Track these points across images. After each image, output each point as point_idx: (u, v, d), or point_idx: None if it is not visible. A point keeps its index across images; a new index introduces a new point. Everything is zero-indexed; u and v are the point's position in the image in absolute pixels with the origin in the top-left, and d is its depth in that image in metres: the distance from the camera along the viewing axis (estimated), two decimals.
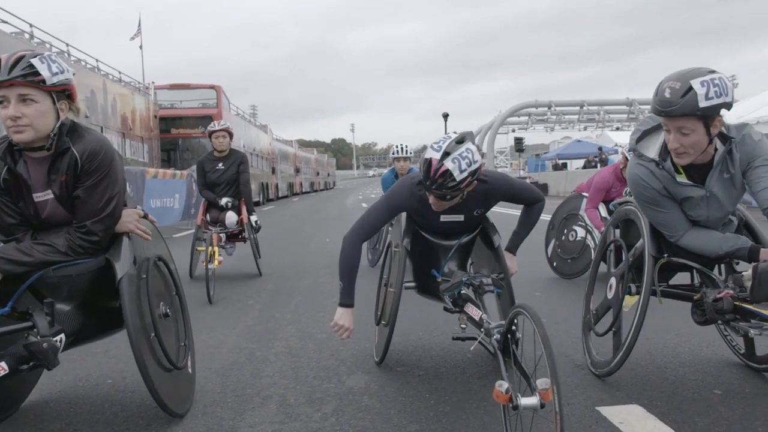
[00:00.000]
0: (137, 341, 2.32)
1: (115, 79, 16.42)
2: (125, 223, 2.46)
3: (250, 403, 2.81)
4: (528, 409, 1.96)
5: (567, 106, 40.92)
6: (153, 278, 2.66)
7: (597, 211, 5.72)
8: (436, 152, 2.68)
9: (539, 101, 39.59)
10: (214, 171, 6.43)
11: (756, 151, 2.47)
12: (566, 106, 40.84)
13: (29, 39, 12.17)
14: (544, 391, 1.92)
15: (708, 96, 2.27)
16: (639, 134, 2.66)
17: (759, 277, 2.21)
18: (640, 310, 2.72)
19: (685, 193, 2.59)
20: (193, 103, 21.98)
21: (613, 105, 41.56)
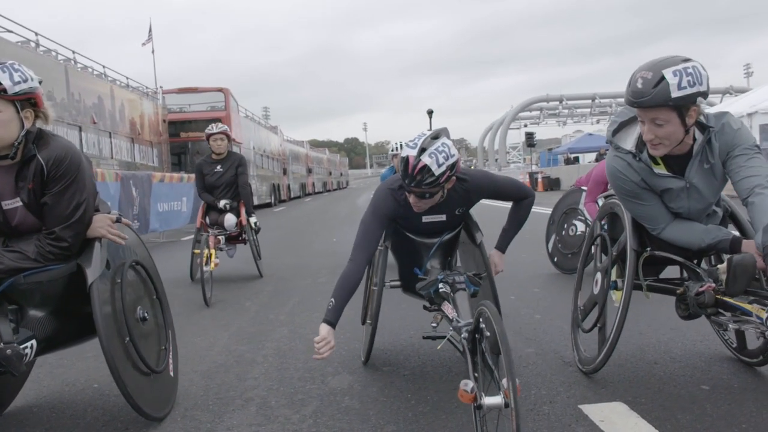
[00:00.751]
0: (108, 346, 2.31)
1: (123, 84, 16.53)
2: (97, 228, 2.46)
3: (231, 406, 2.80)
4: (493, 409, 1.92)
5: (578, 99, 40.62)
6: (130, 282, 2.66)
7: (596, 205, 5.64)
8: (412, 149, 2.66)
9: (550, 95, 39.34)
10: (212, 174, 6.44)
11: (735, 139, 2.41)
12: (578, 100, 40.55)
13: (35, 47, 12.29)
14: (509, 391, 1.89)
15: (681, 86, 2.22)
16: (616, 126, 2.60)
17: (733, 269, 2.15)
18: (622, 305, 2.68)
19: (663, 184, 2.53)
20: (202, 107, 22.06)
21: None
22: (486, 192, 2.98)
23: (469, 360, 2.15)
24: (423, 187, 2.67)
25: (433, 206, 2.89)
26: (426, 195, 2.73)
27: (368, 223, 2.92)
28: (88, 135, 13.70)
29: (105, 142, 14.72)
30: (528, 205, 3.14)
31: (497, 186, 3.07)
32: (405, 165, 2.66)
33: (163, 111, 19.70)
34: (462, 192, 2.92)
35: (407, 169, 2.65)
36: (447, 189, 2.82)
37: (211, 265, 5.41)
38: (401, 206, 2.90)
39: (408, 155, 2.66)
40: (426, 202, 2.80)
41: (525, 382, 2.92)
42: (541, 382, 2.91)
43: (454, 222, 3.06)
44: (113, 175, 10.02)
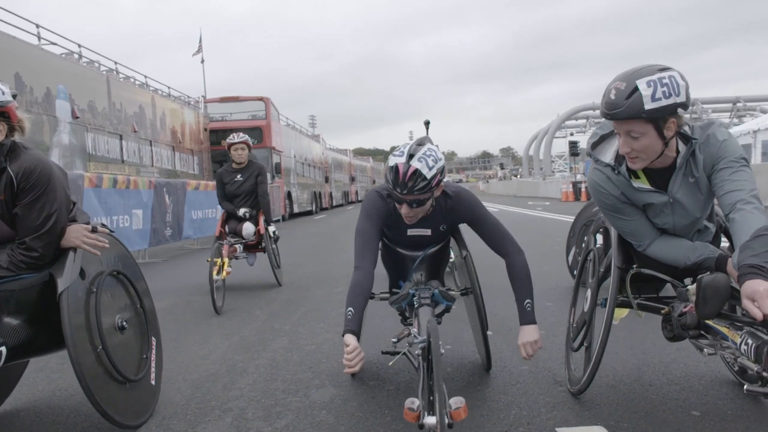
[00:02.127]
0: (76, 354, 2.34)
1: (164, 94, 16.95)
2: (71, 238, 2.50)
3: (208, 416, 2.80)
4: (434, 429, 1.86)
5: None
6: (108, 292, 2.69)
7: None
8: (399, 157, 2.62)
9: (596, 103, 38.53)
10: (232, 183, 6.52)
11: (720, 151, 2.28)
12: None
13: (78, 59, 12.73)
14: (456, 411, 1.84)
15: (655, 97, 2.11)
16: (596, 138, 2.50)
17: (703, 291, 2.03)
18: (604, 324, 2.57)
19: (645, 199, 2.42)
20: (243, 115, 22.45)
21: None
22: (467, 217, 2.88)
23: (421, 377, 2.09)
24: (415, 193, 2.61)
25: (421, 219, 2.85)
26: (414, 204, 2.68)
27: (363, 228, 2.83)
28: (128, 143, 14.10)
29: (146, 150, 15.11)
30: (521, 264, 2.83)
31: (480, 219, 2.90)
32: (395, 173, 2.60)
33: (205, 120, 20.13)
34: (446, 208, 2.87)
35: (398, 176, 2.60)
36: (435, 196, 2.78)
37: (223, 273, 5.46)
38: (390, 211, 2.85)
39: (397, 163, 2.61)
40: (417, 211, 2.74)
41: (509, 401, 2.84)
42: (525, 402, 2.82)
43: (439, 237, 3.00)
44: (146, 182, 10.25)
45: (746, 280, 1.90)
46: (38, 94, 10.62)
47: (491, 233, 2.87)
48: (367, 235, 2.78)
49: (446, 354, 3.69)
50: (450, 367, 3.42)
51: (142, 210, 10.03)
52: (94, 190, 8.39)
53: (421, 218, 2.84)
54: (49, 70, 11.07)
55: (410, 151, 2.62)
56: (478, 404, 2.82)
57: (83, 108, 12.11)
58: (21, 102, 10.15)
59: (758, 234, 2.02)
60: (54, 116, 11.07)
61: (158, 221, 10.54)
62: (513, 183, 46.78)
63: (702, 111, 36.59)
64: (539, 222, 15.28)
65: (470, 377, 3.24)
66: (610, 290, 2.57)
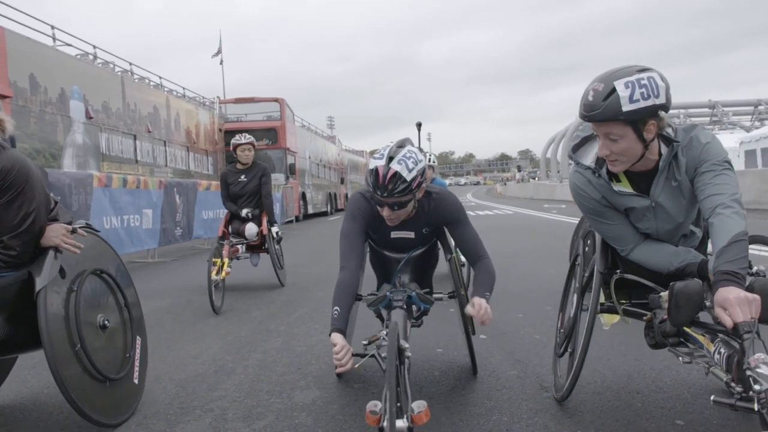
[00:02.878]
0: (52, 353, 2.36)
1: (179, 95, 17.10)
2: (51, 237, 2.51)
3: (189, 416, 2.80)
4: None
5: None
6: (89, 291, 2.70)
7: None
8: (379, 160, 2.61)
9: None
10: (236, 183, 6.55)
11: (703, 154, 2.23)
12: None
13: (93, 60, 12.88)
14: (417, 415, 1.83)
15: (633, 98, 2.07)
16: (578, 140, 2.46)
17: (675, 298, 1.98)
18: (585, 329, 2.52)
19: (626, 203, 2.37)
20: (258, 116, 22.58)
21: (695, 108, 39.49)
22: (448, 218, 2.86)
23: (387, 381, 2.07)
24: (395, 196, 2.60)
25: (403, 222, 2.83)
26: (396, 205, 2.67)
27: (348, 230, 2.82)
28: (142, 143, 14.24)
29: (159, 150, 15.25)
30: (491, 267, 2.82)
31: (459, 222, 2.88)
32: (375, 176, 2.59)
33: (220, 120, 20.26)
34: (429, 209, 2.85)
35: (378, 179, 2.59)
36: (417, 198, 2.77)
37: (222, 273, 5.48)
38: (374, 213, 2.83)
39: (376, 166, 2.60)
40: (399, 214, 2.73)
41: (492, 407, 2.80)
42: (507, 408, 2.78)
43: (423, 239, 2.97)
44: (156, 182, 10.33)
45: (719, 287, 1.85)
46: (52, 94, 10.77)
47: (467, 237, 2.85)
48: (351, 237, 2.77)
49: (436, 357, 3.67)
50: (438, 371, 3.40)
51: (152, 210, 10.11)
52: (103, 189, 8.48)
53: (404, 220, 2.83)
54: (63, 70, 11.22)
55: (390, 154, 2.61)
56: (460, 409, 2.80)
57: (97, 108, 12.26)
58: (35, 102, 10.31)
59: (735, 239, 1.97)
60: (68, 116, 11.22)
61: (168, 221, 10.62)
62: (530, 185, 46.48)
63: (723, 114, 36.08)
64: (552, 225, 15.16)
65: (457, 381, 3.21)
66: (592, 295, 2.52)
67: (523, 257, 8.37)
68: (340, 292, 2.54)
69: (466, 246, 2.84)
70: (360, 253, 2.76)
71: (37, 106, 10.33)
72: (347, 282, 2.58)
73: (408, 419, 1.84)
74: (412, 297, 2.68)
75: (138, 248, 9.70)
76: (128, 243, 9.29)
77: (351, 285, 2.59)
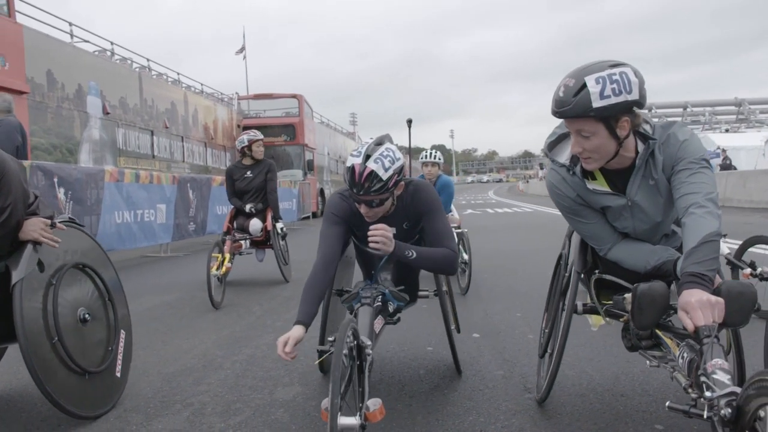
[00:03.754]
0: (26, 345, 2.38)
1: (197, 91, 17.24)
2: (29, 231, 2.54)
3: (169, 410, 2.82)
4: (346, 430, 1.85)
5: (669, 108, 38.58)
6: (70, 284, 2.73)
7: None
8: (356, 158, 2.61)
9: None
10: (242, 179, 6.58)
11: (680, 152, 2.17)
12: (668, 108, 38.52)
13: (110, 56, 13.05)
14: (371, 413, 1.85)
15: (603, 94, 2.02)
16: (554, 137, 2.41)
17: (638, 300, 1.93)
18: (561, 331, 2.48)
19: (601, 201, 2.32)
20: (277, 112, 22.70)
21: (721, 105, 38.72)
22: (421, 209, 2.82)
23: (347, 377, 2.06)
24: (372, 194, 2.60)
25: (382, 218, 2.82)
26: (374, 203, 2.66)
27: (324, 231, 2.84)
28: (160, 139, 14.39)
29: (177, 145, 15.40)
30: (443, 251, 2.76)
31: (433, 213, 2.85)
32: (351, 174, 2.59)
33: (238, 116, 20.39)
34: (407, 203, 2.83)
35: (354, 177, 2.58)
36: (396, 196, 2.77)
37: (223, 269, 5.51)
38: (354, 211, 2.82)
39: (353, 164, 2.59)
40: (377, 211, 2.72)
41: (470, 407, 2.78)
42: (486, 408, 2.75)
43: (405, 236, 2.95)
44: (170, 178, 10.43)
45: (683, 290, 1.81)
46: (69, 90, 10.93)
47: (436, 229, 2.81)
48: (326, 236, 2.79)
49: (425, 355, 3.65)
50: (423, 369, 3.38)
51: (165, 205, 10.21)
52: (115, 184, 8.58)
53: (383, 216, 2.81)
54: (80, 67, 11.38)
55: (367, 152, 2.60)
56: (438, 408, 2.78)
57: (114, 104, 12.42)
58: (52, 98, 10.47)
59: (706, 240, 1.92)
60: (85, 112, 11.38)
61: (182, 216, 10.71)
62: None
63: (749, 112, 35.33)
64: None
65: (441, 380, 3.18)
66: (568, 296, 2.48)
67: (535, 256, 8.29)
68: (307, 285, 2.57)
69: (433, 238, 2.81)
70: (331, 249, 2.75)
71: (54, 101, 10.50)
72: (312, 278, 2.60)
73: (361, 417, 1.83)
74: (386, 294, 2.66)
75: (151, 242, 9.80)
76: (141, 237, 9.39)
77: (317, 280, 2.60)
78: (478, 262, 7.12)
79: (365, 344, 2.17)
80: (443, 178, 6.95)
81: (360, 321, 2.39)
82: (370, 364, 2.18)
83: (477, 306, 5.07)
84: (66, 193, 7.26)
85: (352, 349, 2.09)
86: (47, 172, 7.03)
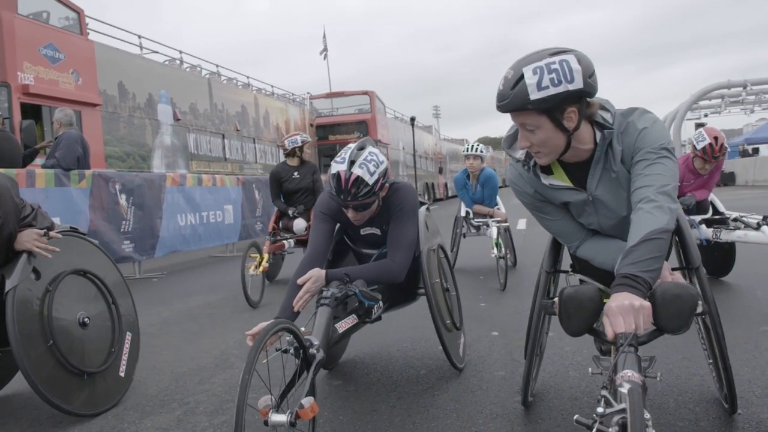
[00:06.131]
0: (17, 348, 2.56)
1: (268, 93, 17.72)
2: (23, 242, 2.72)
3: (164, 408, 2.94)
4: (278, 426, 1.92)
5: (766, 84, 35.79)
6: (68, 290, 2.89)
7: None
8: (341, 164, 2.65)
9: (732, 81, 35.12)
10: (290, 180, 6.73)
11: (638, 142, 2.02)
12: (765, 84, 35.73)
13: (179, 65, 13.65)
14: (303, 409, 1.91)
15: (541, 85, 1.90)
16: (512, 131, 2.30)
17: (565, 305, 1.76)
18: (531, 332, 2.39)
19: (560, 197, 2.20)
20: (349, 110, 23.00)
21: None
22: (394, 209, 2.83)
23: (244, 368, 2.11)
24: (359, 199, 2.66)
25: (368, 220, 2.86)
26: (360, 208, 2.71)
27: (313, 225, 2.93)
28: (231, 142, 14.92)
29: (249, 147, 15.91)
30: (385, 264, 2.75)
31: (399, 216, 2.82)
32: (337, 181, 2.64)
33: (311, 115, 20.78)
34: (390, 202, 2.83)
35: (340, 184, 2.63)
36: (381, 197, 2.81)
37: (260, 268, 5.66)
38: (342, 211, 2.86)
39: (338, 170, 2.64)
40: (363, 214, 2.79)
41: (454, 408, 2.73)
42: (468, 412, 2.69)
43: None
44: (234, 180, 10.80)
45: (613, 293, 1.69)
46: (140, 99, 11.54)
47: (397, 234, 2.80)
48: (315, 233, 2.86)
49: (431, 355, 3.60)
50: (425, 369, 3.34)
51: (231, 206, 10.59)
52: (178, 188, 8.98)
53: (370, 218, 2.85)
54: (150, 76, 11.98)
55: (351, 157, 2.64)
56: (421, 410, 2.74)
57: (185, 110, 12.99)
58: (124, 108, 11.09)
59: (647, 238, 1.79)
60: (156, 120, 11.98)
61: (248, 217, 11.07)
62: None
63: None
64: None
65: (437, 381, 3.13)
66: (538, 295, 2.38)
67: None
68: (291, 282, 2.66)
69: (389, 242, 2.80)
70: (316, 246, 2.81)
71: (126, 111, 11.11)
72: (299, 273, 2.66)
73: (293, 414, 1.90)
74: (357, 294, 2.66)
75: (217, 243, 10.19)
76: (207, 238, 9.79)
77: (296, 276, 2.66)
78: (534, 258, 6.91)
79: (311, 344, 2.19)
80: (486, 171, 6.82)
81: (317, 321, 2.43)
82: (318, 363, 2.20)
83: (510, 304, 4.94)
84: (127, 199, 7.69)
85: (296, 348, 2.12)
86: (109, 179, 7.46)
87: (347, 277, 2.63)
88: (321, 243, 2.82)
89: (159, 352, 4.04)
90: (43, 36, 9.35)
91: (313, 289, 2.60)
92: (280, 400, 2.03)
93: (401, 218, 2.81)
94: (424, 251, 3.04)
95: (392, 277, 2.75)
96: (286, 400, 2.07)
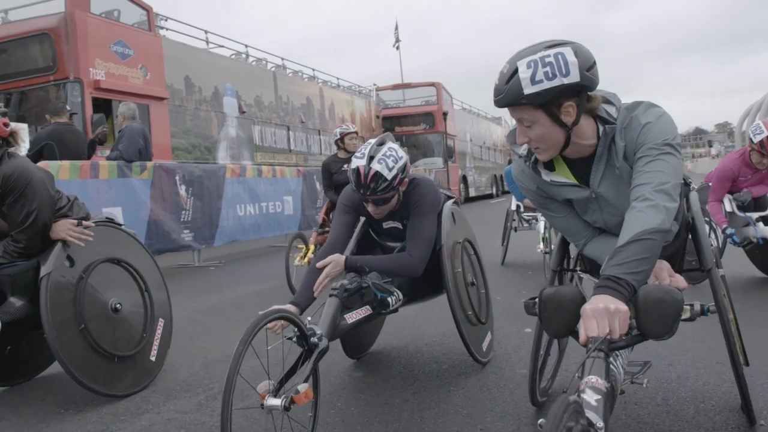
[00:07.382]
0: (50, 330, 2.73)
1: (333, 85, 17.93)
2: (58, 231, 2.89)
3: (189, 393, 3.07)
4: (274, 410, 2.03)
5: None
6: (102, 278, 3.05)
7: (721, 205, 4.80)
8: (360, 159, 2.72)
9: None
10: (340, 172, 6.79)
11: (641, 137, 1.93)
12: None
13: (245, 58, 14.00)
14: (297, 395, 2.00)
15: (535, 79, 1.84)
16: (515, 127, 2.25)
17: (544, 305, 1.70)
18: (536, 330, 2.34)
19: (562, 194, 2.14)
20: (416, 101, 22.96)
21: None
22: (412, 204, 2.86)
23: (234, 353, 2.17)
24: (378, 194, 2.72)
25: (389, 214, 2.90)
26: (380, 202, 2.77)
27: (335, 217, 3.01)
28: (296, 133, 15.21)
29: (314, 139, 16.17)
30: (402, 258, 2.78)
31: (418, 212, 2.84)
32: (357, 176, 2.71)
33: (377, 107, 20.88)
34: (410, 197, 2.87)
35: (360, 179, 2.70)
36: (402, 192, 2.85)
37: (305, 260, 5.76)
38: (362, 206, 2.91)
39: (358, 166, 2.71)
40: (383, 209, 2.84)
41: (465, 405, 2.71)
42: (479, 409, 2.67)
43: None
44: (294, 171, 11.02)
45: (594, 295, 1.64)
46: (206, 93, 11.93)
47: (412, 230, 2.82)
48: (336, 224, 2.93)
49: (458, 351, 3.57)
50: (447, 365, 3.32)
51: (291, 197, 10.82)
52: (237, 180, 9.25)
53: (391, 212, 2.89)
54: (216, 70, 12.36)
55: (370, 153, 2.70)
56: (433, 405, 2.74)
57: (250, 103, 13.33)
58: (190, 101, 11.50)
59: (636, 238, 1.72)
60: (222, 112, 12.36)
61: (308, 207, 11.27)
62: None
63: None
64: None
65: (457, 377, 3.11)
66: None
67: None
68: (309, 269, 2.76)
69: (407, 237, 2.83)
70: (342, 237, 2.88)
71: (192, 104, 11.52)
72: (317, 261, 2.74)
73: (287, 399, 2.00)
74: (370, 285, 2.69)
75: (277, 233, 10.43)
76: (266, 228, 10.05)
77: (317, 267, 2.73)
78: None
79: (314, 333, 2.24)
80: None
81: (324, 311, 2.50)
82: (320, 352, 2.25)
83: None
84: (187, 189, 7.99)
85: (299, 337, 2.24)
86: (169, 171, 7.78)
87: (364, 267, 2.68)
88: (341, 233, 2.89)
89: (197, 338, 4.19)
90: (114, 33, 9.82)
91: (333, 273, 2.66)
92: (279, 385, 2.10)
93: (420, 213, 2.83)
94: (448, 244, 3.03)
95: (410, 271, 2.77)
96: (285, 386, 2.14)
